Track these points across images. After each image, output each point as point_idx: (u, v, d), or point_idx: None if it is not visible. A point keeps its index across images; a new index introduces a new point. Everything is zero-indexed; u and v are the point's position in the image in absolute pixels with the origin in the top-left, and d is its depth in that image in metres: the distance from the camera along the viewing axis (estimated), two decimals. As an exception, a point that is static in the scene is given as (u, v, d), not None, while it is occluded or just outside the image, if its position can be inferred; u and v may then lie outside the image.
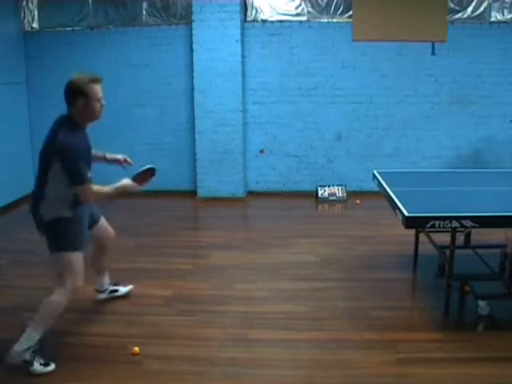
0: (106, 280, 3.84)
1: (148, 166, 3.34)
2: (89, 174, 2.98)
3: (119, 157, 3.51)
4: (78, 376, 2.94)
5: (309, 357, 3.13)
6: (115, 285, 3.89)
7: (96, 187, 3.04)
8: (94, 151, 3.27)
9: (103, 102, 3.07)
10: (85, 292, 3.92)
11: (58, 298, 3.03)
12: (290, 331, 3.42)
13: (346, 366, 3.02)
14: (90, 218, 3.35)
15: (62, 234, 3.03)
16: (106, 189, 3.12)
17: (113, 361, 3.08)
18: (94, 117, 3.08)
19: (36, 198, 3.06)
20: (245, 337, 3.36)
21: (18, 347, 2.95)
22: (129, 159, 3.53)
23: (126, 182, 3.22)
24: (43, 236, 3.10)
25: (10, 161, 6.30)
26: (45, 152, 2.99)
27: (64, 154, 2.89)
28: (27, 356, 2.94)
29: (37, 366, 2.95)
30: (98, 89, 3.02)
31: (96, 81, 3.03)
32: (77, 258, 3.07)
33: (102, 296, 3.83)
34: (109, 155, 3.50)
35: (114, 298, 3.86)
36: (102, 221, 3.58)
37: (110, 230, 3.63)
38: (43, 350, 3.02)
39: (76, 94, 2.97)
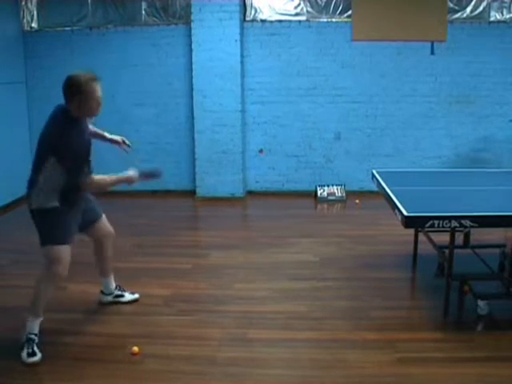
0: (112, 283, 3.79)
1: (155, 169, 3.46)
2: (85, 168, 3.02)
3: (118, 138, 3.65)
4: (77, 376, 2.93)
5: (308, 356, 3.13)
6: (122, 290, 3.85)
7: (96, 178, 3.10)
8: (93, 129, 3.43)
9: (100, 101, 3.09)
10: (84, 292, 3.95)
11: (44, 284, 3.12)
12: (289, 331, 3.42)
13: (345, 365, 3.02)
14: (85, 218, 3.37)
15: (48, 226, 3.10)
16: (106, 179, 3.19)
17: (112, 361, 3.08)
18: (90, 114, 3.14)
19: (29, 184, 3.12)
20: (244, 336, 3.36)
21: (24, 333, 3.09)
22: (127, 141, 3.68)
23: (132, 173, 3.29)
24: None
25: (9, 161, 6.30)
26: (42, 142, 3.05)
27: (60, 153, 2.97)
28: (23, 339, 3.07)
29: (24, 353, 3.03)
30: (96, 88, 3.04)
31: (95, 80, 3.05)
32: (63, 251, 3.11)
33: (107, 299, 3.79)
34: (108, 135, 3.64)
35: (118, 303, 3.81)
36: (102, 220, 3.56)
37: (108, 227, 3.61)
38: (39, 341, 3.09)
39: (74, 91, 3.00)
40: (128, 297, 3.83)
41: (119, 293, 3.82)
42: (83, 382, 2.90)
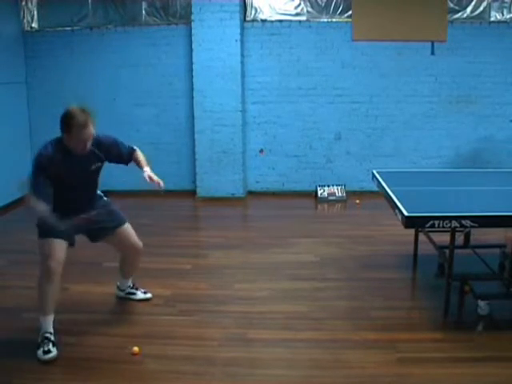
0: (127, 283, 3.88)
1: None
2: (37, 187, 3.01)
3: (149, 176, 3.58)
4: (77, 376, 2.93)
5: (308, 357, 3.13)
6: (135, 288, 3.90)
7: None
8: (137, 157, 3.50)
9: (87, 142, 3.11)
10: (85, 292, 3.96)
11: (39, 279, 3.16)
12: (289, 331, 3.41)
13: (345, 365, 3.02)
14: (98, 225, 3.42)
15: (41, 220, 3.15)
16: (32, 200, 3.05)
17: (113, 361, 3.08)
18: (74, 151, 3.15)
19: None
20: (244, 337, 3.35)
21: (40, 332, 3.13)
22: (156, 180, 3.62)
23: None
24: None
25: (9, 161, 6.30)
26: None
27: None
28: (39, 339, 3.08)
29: (40, 351, 3.05)
30: (86, 132, 3.07)
31: (86, 126, 3.05)
32: (54, 245, 3.16)
33: (120, 294, 3.89)
34: (145, 169, 3.58)
35: (130, 300, 3.86)
36: (122, 230, 3.56)
37: (131, 240, 3.60)
38: (55, 338, 3.11)
39: (65, 129, 3.07)
40: (140, 295, 3.88)
41: (132, 291, 3.88)
42: (83, 381, 2.89)
